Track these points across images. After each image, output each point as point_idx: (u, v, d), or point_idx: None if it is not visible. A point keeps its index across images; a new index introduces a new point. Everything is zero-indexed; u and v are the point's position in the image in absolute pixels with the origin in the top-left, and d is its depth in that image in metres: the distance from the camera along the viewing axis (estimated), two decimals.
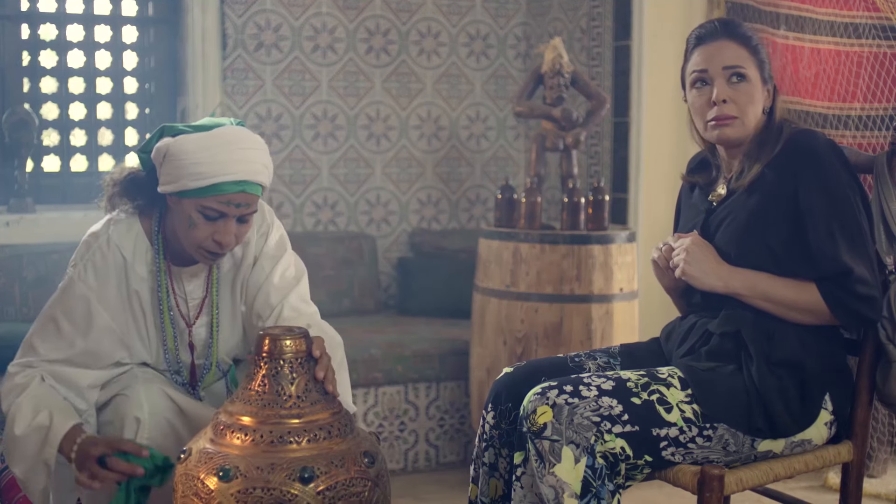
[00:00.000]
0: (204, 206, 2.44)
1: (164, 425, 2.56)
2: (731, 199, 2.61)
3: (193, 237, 2.48)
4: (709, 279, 2.56)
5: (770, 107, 2.61)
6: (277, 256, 2.70)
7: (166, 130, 2.52)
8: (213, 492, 2.10)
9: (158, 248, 2.61)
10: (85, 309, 2.58)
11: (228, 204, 2.44)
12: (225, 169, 2.42)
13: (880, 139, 4.20)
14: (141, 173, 2.62)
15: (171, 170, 2.45)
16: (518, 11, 5.62)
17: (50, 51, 4.91)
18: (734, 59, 2.57)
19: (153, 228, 2.62)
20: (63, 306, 2.59)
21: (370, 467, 2.20)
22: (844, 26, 4.31)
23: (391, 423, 4.45)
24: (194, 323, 2.71)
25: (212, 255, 2.52)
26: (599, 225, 4.17)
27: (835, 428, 2.58)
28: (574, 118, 4.31)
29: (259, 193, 2.52)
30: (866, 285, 2.46)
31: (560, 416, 2.37)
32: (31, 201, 4.71)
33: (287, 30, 5.14)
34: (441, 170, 5.52)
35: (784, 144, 2.55)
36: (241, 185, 2.44)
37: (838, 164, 2.51)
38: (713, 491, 2.36)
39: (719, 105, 2.58)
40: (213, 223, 2.46)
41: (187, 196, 2.45)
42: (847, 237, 2.46)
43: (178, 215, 2.50)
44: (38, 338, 2.59)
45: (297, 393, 2.19)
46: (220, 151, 2.42)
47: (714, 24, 2.63)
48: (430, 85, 5.47)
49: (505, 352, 4.07)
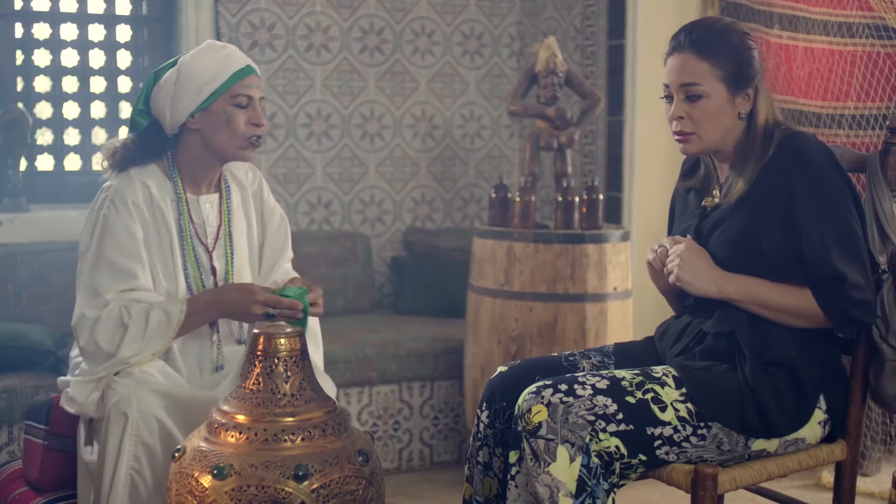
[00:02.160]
0: (233, 97, 2.76)
1: (154, 424, 2.57)
2: (722, 208, 2.61)
3: (234, 131, 2.77)
4: (703, 284, 2.56)
5: (749, 111, 2.59)
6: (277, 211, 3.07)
7: (158, 75, 2.81)
8: (208, 490, 2.10)
9: (176, 179, 2.84)
10: (132, 237, 2.75)
11: (250, 87, 2.78)
12: (231, 61, 2.78)
13: (874, 138, 4.21)
14: (135, 137, 2.84)
15: (189, 88, 2.74)
16: (512, 10, 5.62)
17: (44, 49, 4.90)
18: (690, 76, 2.54)
19: (167, 166, 2.85)
20: (110, 243, 2.74)
21: (364, 466, 2.20)
22: (838, 25, 4.32)
23: (385, 422, 4.45)
24: (213, 249, 2.89)
25: (252, 141, 2.81)
26: (593, 224, 4.17)
27: (828, 427, 2.58)
28: (568, 117, 4.32)
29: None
30: (861, 290, 2.46)
31: (555, 415, 2.37)
32: (25, 200, 4.70)
33: (281, 28, 5.14)
34: (435, 169, 5.52)
35: (776, 149, 2.54)
36: (249, 69, 2.80)
37: (829, 167, 2.50)
38: (707, 490, 2.37)
39: (676, 121, 2.59)
40: (245, 110, 2.78)
41: (214, 99, 2.75)
42: (840, 242, 2.46)
43: (211, 125, 2.77)
44: (98, 278, 2.74)
45: (292, 391, 2.19)
46: (217, 52, 2.79)
47: (682, 34, 2.59)
48: (424, 84, 5.47)
49: (499, 351, 4.08)
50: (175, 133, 2.82)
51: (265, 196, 3.04)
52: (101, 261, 2.74)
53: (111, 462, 2.56)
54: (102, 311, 2.70)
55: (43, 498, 2.89)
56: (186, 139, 2.81)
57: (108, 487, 2.55)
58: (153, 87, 2.80)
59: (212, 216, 2.90)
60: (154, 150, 2.84)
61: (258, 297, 2.71)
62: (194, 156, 2.83)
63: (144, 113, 2.83)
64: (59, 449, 2.90)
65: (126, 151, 2.82)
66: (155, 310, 2.70)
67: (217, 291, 2.78)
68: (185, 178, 2.85)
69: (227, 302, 2.75)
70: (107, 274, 2.73)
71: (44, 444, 2.90)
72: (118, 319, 2.69)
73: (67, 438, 2.88)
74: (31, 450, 2.95)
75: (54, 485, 2.91)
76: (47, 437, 2.90)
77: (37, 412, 2.97)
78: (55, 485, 2.91)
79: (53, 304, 4.40)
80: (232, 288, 2.78)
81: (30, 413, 3.00)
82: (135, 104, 2.85)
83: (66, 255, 4.47)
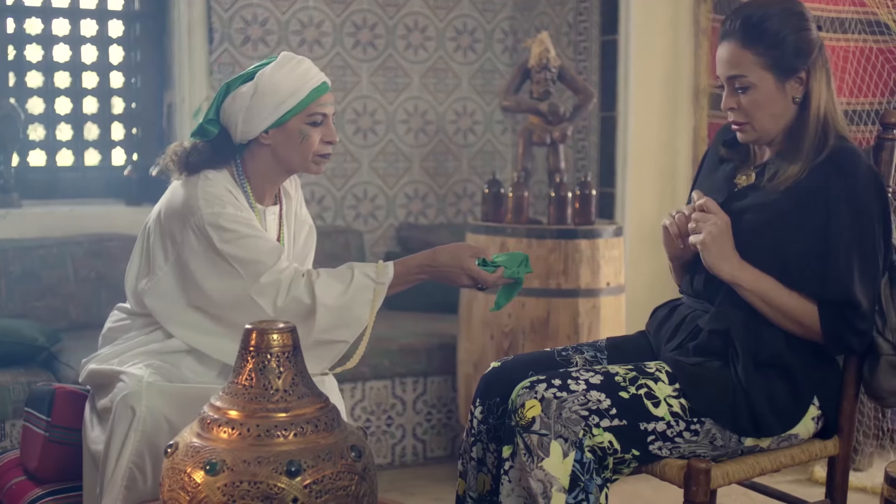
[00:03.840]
0: (309, 116, 2.74)
1: (162, 421, 2.58)
2: (758, 193, 2.57)
3: (308, 148, 2.76)
4: (720, 262, 2.51)
5: (802, 96, 2.52)
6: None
7: (231, 86, 2.76)
8: (200, 485, 2.10)
9: (247, 188, 2.81)
10: (253, 229, 2.72)
11: (325, 104, 2.77)
12: (308, 77, 2.74)
13: (866, 134, 4.22)
14: (203, 144, 2.79)
15: (266, 104, 2.71)
16: (505, 6, 5.62)
17: (36, 45, 4.90)
18: (734, 69, 2.51)
19: (237, 173, 2.81)
20: (238, 244, 2.67)
21: (357, 461, 2.20)
22: (831, 21, 4.32)
23: (378, 417, 4.45)
24: None
25: (323, 157, 2.81)
26: (586, 219, 4.17)
27: (821, 422, 2.58)
28: (561, 113, 4.32)
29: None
30: (866, 321, 2.46)
31: (548, 409, 2.37)
32: (17, 196, 4.70)
33: (274, 24, 5.13)
34: (428, 164, 5.52)
35: (827, 158, 2.48)
36: (325, 86, 2.77)
37: (874, 194, 2.46)
38: (699, 485, 2.37)
39: (730, 111, 2.57)
40: (319, 127, 2.77)
41: (290, 116, 2.72)
42: (863, 272, 2.44)
43: (284, 142, 2.75)
44: (257, 256, 2.68)
45: (284, 387, 2.19)
46: (296, 68, 2.73)
47: (727, 21, 2.54)
48: (417, 79, 5.46)
49: (492, 346, 4.08)
50: (243, 143, 2.79)
51: (302, 206, 3.03)
52: (246, 239, 2.69)
53: (114, 454, 2.57)
54: (282, 274, 2.67)
55: (41, 489, 2.87)
56: (256, 151, 2.79)
57: (109, 478, 2.56)
58: (225, 98, 2.75)
59: (273, 228, 2.89)
60: (225, 157, 2.80)
61: (468, 269, 2.73)
62: (262, 167, 2.81)
63: (214, 122, 2.78)
64: (60, 441, 2.88)
65: (199, 154, 2.77)
66: (360, 266, 2.73)
67: (431, 254, 2.77)
68: (253, 187, 2.83)
69: (440, 265, 2.75)
70: (263, 253, 2.69)
71: (45, 436, 2.88)
72: (309, 272, 2.69)
73: (70, 431, 2.86)
74: (31, 439, 2.92)
75: (54, 476, 2.89)
76: (49, 429, 2.88)
77: (38, 401, 2.93)
78: (55, 476, 2.89)
79: (46, 299, 4.40)
80: (446, 252, 2.77)
81: (30, 401, 2.97)
82: (205, 113, 2.80)
83: (58, 251, 4.47)
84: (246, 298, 2.65)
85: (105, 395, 2.70)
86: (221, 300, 2.68)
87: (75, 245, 4.53)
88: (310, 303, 2.64)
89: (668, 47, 4.85)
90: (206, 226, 2.66)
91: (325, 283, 2.67)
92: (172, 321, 2.74)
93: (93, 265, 4.51)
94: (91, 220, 4.73)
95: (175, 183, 2.80)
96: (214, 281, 2.68)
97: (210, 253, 2.67)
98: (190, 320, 2.73)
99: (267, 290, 2.66)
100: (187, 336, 2.73)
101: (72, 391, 2.93)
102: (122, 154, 5.11)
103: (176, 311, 2.74)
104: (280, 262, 2.68)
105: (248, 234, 2.68)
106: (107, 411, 2.66)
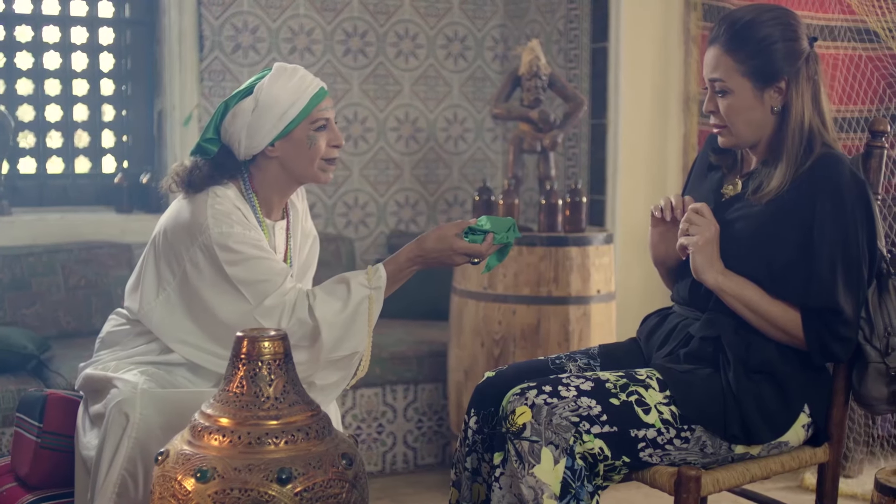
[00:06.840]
0: (313, 122, 2.75)
1: (155, 429, 2.57)
2: (743, 204, 2.59)
3: (316, 153, 2.77)
4: (707, 268, 2.54)
5: (781, 106, 2.54)
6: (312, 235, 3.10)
7: (230, 104, 2.76)
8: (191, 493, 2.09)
9: (254, 203, 2.82)
10: (260, 250, 2.72)
11: (326, 109, 2.78)
12: (306, 85, 2.75)
13: (856, 141, 4.23)
14: (205, 162, 2.79)
15: (269, 116, 2.72)
16: (495, 13, 5.63)
17: (26, 52, 4.89)
18: (715, 72, 2.54)
19: (244, 188, 2.82)
20: (244, 266, 2.68)
21: (348, 469, 2.20)
22: (820, 29, 4.34)
23: (369, 425, 4.44)
24: None
25: (330, 163, 2.82)
26: (577, 227, 4.18)
27: (812, 430, 2.59)
28: (551, 120, 4.32)
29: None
30: (849, 327, 2.47)
31: (539, 416, 2.37)
32: (7, 203, 4.69)
33: (264, 31, 5.13)
34: (419, 172, 5.52)
35: (812, 166, 2.50)
36: (323, 91, 2.79)
37: (858, 202, 2.48)
38: (690, 492, 2.37)
39: (711, 114, 2.59)
40: (325, 132, 2.78)
41: (294, 125, 2.74)
42: (847, 277, 2.45)
43: (292, 152, 2.76)
44: (263, 277, 2.68)
45: (275, 394, 2.19)
46: (293, 77, 2.75)
47: (716, 26, 2.57)
48: (407, 87, 5.47)
49: (483, 354, 4.08)
50: (247, 159, 2.78)
51: (307, 217, 3.05)
52: (252, 261, 2.69)
53: (107, 461, 2.56)
54: (286, 296, 2.68)
55: (33, 495, 2.86)
56: (264, 164, 2.78)
57: (101, 485, 2.55)
58: (224, 116, 2.75)
59: (281, 243, 2.89)
60: (228, 173, 2.79)
61: (458, 248, 2.71)
62: (271, 180, 2.80)
63: (214, 140, 2.78)
64: (52, 448, 2.87)
65: (200, 172, 2.76)
66: (353, 276, 2.75)
67: (417, 244, 2.77)
68: (261, 201, 2.82)
69: (429, 252, 2.74)
70: (270, 275, 2.70)
71: (37, 442, 2.87)
72: (307, 293, 2.70)
73: (62, 437, 2.85)
74: (22, 445, 2.91)
75: (45, 482, 2.88)
76: (41, 435, 2.87)
77: (30, 407, 2.91)
78: (46, 482, 2.88)
79: (36, 307, 4.38)
80: (431, 238, 2.75)
81: (22, 406, 2.95)
82: (203, 132, 2.80)
83: (48, 259, 4.46)
84: (251, 319, 2.66)
85: (98, 401, 2.69)
86: (227, 319, 2.67)
87: (65, 252, 4.52)
88: (313, 323, 2.65)
89: (658, 55, 4.86)
90: (213, 245, 2.66)
91: (323, 300, 2.68)
92: (174, 338, 2.74)
93: (83, 273, 4.50)
94: (81, 227, 4.72)
95: (180, 199, 2.79)
96: (220, 300, 2.68)
97: (217, 272, 2.67)
98: (192, 338, 2.73)
99: (272, 312, 2.67)
100: (188, 352, 2.73)
101: (63, 397, 2.92)
102: (112, 162, 5.10)
103: (178, 328, 2.74)
104: (285, 285, 2.68)
105: (255, 256, 2.68)
106: (100, 417, 2.65)
